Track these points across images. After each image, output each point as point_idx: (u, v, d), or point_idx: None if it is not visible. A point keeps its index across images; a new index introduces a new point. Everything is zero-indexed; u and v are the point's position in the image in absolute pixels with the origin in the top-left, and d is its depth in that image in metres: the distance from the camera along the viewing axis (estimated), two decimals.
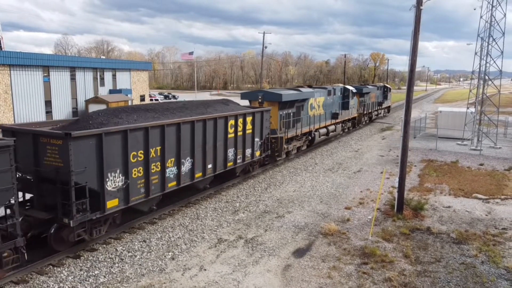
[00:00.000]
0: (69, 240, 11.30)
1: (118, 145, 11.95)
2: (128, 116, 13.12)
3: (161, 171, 13.68)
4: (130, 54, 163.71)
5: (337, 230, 13.57)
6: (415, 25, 13.82)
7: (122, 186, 12.23)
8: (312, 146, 28.42)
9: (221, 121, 16.71)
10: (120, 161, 12.06)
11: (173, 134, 14.08)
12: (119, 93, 54.30)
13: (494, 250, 12.19)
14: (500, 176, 21.47)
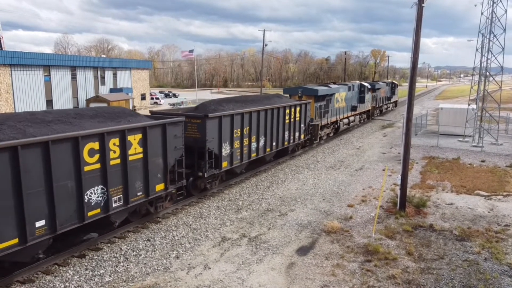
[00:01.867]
0: (200, 187, 16.73)
1: (228, 124, 17.21)
2: (227, 105, 18.29)
3: (248, 145, 19.03)
4: (130, 53, 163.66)
5: (340, 228, 13.62)
6: (416, 23, 13.83)
7: (229, 153, 17.61)
8: (337, 134, 34.06)
9: (282, 110, 21.94)
10: (228, 135, 17.35)
11: (256, 119, 19.35)
12: (119, 92, 54.36)
13: (497, 247, 12.24)
14: (502, 172, 21.50)
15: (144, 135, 12.72)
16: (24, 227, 9.61)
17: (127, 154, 12.18)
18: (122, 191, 12.23)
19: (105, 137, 11.36)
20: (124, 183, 12.24)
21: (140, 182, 12.87)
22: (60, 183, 10.30)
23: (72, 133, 10.58)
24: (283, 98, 24.87)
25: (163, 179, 13.85)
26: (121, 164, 12.03)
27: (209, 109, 17.07)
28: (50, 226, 10.21)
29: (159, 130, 13.39)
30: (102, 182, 11.49)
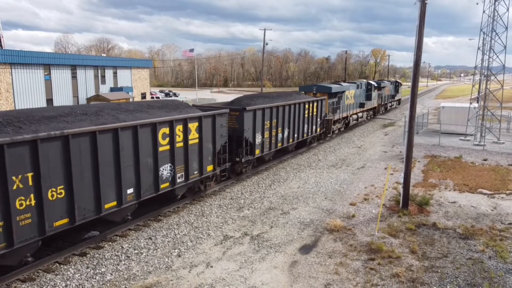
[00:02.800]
0: (237, 171, 19.24)
1: (260, 117, 19.63)
2: (257, 100, 20.53)
3: (275, 135, 21.49)
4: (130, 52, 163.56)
5: (343, 226, 13.53)
6: (420, 20, 13.73)
7: (261, 142, 19.99)
8: (348, 128, 36.43)
9: (302, 105, 24.39)
10: (260, 126, 19.71)
11: (282, 112, 21.77)
12: (120, 91, 54.24)
13: (501, 245, 12.14)
14: (505, 171, 21.40)
15: (200, 123, 15.21)
16: (120, 193, 12.04)
17: (188, 139, 14.72)
18: (184, 169, 14.74)
19: (174, 124, 13.82)
20: (185, 162, 14.75)
21: (196, 163, 15.38)
22: (144, 160, 12.74)
23: (152, 119, 12.94)
24: (301, 95, 27.38)
25: (212, 162, 16.39)
26: (184, 147, 14.57)
27: (244, 103, 19.44)
28: (136, 194, 12.67)
29: (210, 120, 15.89)
30: (170, 161, 13.98)
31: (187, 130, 14.50)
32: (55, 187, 10.12)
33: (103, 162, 11.28)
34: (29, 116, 10.38)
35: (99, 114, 11.98)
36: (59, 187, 10.22)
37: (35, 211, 9.73)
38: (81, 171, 10.73)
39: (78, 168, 10.64)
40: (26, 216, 9.56)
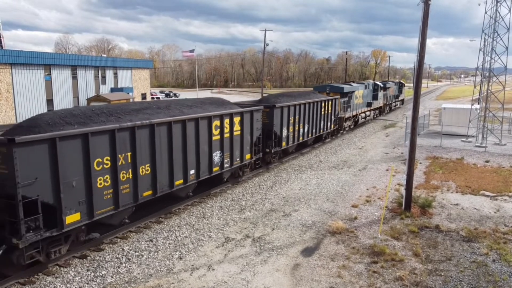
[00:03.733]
0: (266, 161, 21.78)
1: (286, 113, 22.21)
2: (282, 98, 23.11)
3: (298, 130, 24.16)
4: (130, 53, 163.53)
5: (345, 229, 13.43)
6: (423, 21, 13.63)
7: (286, 135, 22.57)
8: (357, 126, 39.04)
9: (319, 104, 27.10)
10: (286, 122, 22.34)
11: (303, 110, 24.44)
12: (120, 91, 54.18)
13: (505, 248, 12.04)
14: (507, 172, 21.30)
15: (242, 117, 17.84)
16: (186, 173, 14.81)
17: (233, 130, 17.35)
18: (229, 156, 17.37)
19: (223, 117, 16.51)
20: (231, 150, 17.35)
21: (238, 151, 17.95)
22: (202, 146, 15.40)
23: (208, 113, 15.70)
24: (316, 94, 29.80)
25: (250, 151, 19.07)
26: (229, 137, 17.14)
27: (273, 101, 21.87)
28: (196, 174, 15.38)
29: (249, 115, 18.48)
30: (220, 148, 16.66)
31: (232, 123, 17.26)
32: (144, 165, 12.89)
33: (175, 146, 14.05)
34: (122, 109, 12.93)
35: (169, 108, 14.65)
36: (146, 165, 13.00)
37: (131, 183, 12.45)
38: (160, 153, 13.47)
39: (159, 150, 13.37)
40: (126, 186, 12.26)
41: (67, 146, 10.40)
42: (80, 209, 10.88)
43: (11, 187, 9.36)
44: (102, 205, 11.50)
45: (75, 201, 10.73)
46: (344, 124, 33.74)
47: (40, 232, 9.91)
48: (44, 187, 9.96)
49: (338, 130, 33.04)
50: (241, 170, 19.18)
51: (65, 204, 10.41)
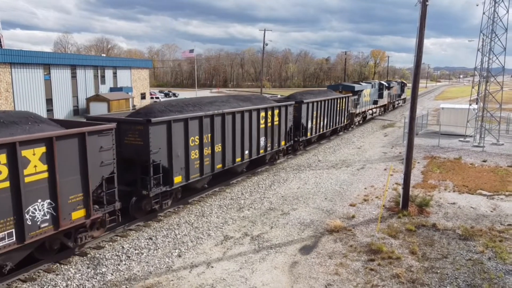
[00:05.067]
0: (294, 148, 25.74)
1: (310, 108, 26.21)
2: (306, 95, 27.33)
3: (319, 123, 28.10)
4: (129, 52, 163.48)
5: (343, 227, 13.55)
6: (420, 21, 13.77)
7: (310, 127, 26.68)
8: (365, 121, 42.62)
9: (336, 100, 31.05)
10: (310, 115, 26.33)
11: (323, 105, 28.32)
12: (120, 91, 54.29)
13: (501, 246, 12.18)
14: (504, 172, 21.45)
15: (279, 110, 21.62)
16: (243, 152, 18.65)
17: (273, 121, 21.06)
18: (270, 141, 21.05)
19: (267, 110, 20.33)
20: (271, 137, 21.10)
21: (276, 138, 21.61)
22: (253, 132, 19.19)
23: (258, 106, 19.54)
24: (332, 92, 33.70)
25: (284, 139, 22.66)
26: (271, 126, 20.92)
27: (298, 98, 25.93)
28: (249, 154, 19.24)
29: (285, 108, 22.18)
30: (264, 135, 20.44)
31: (273, 115, 20.92)
32: (218, 144, 16.59)
33: (237, 131, 17.74)
34: (200, 102, 16.89)
35: (229, 102, 18.57)
36: (219, 144, 16.77)
37: (210, 157, 16.25)
38: (228, 136, 17.24)
39: (227, 134, 17.12)
40: (207, 159, 16.05)
41: (176, 127, 14.17)
42: (181, 173, 14.73)
43: (145, 154, 13.11)
44: (193, 172, 15.36)
45: (179, 167, 14.56)
46: (354, 119, 37.41)
47: (160, 187, 13.74)
48: (163, 155, 13.74)
49: (349, 124, 36.63)
50: (277, 154, 23.05)
51: (174, 168, 14.24)
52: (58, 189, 9.99)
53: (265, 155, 21.16)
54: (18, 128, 9.70)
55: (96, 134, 10.90)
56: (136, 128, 13.16)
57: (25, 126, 9.96)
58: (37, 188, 9.57)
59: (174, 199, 15.04)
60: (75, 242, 11.12)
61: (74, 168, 10.43)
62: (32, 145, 9.38)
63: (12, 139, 8.98)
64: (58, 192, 10.02)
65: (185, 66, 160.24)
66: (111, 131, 11.41)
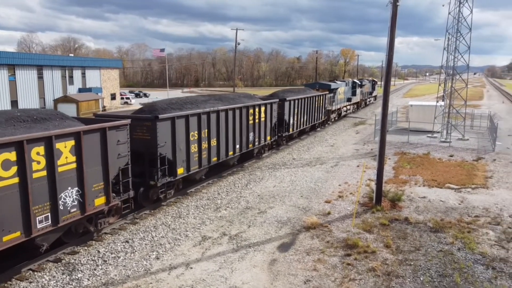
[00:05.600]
0: (278, 143, 27.54)
1: (292, 105, 27.59)
2: (288, 93, 28.96)
3: (300, 119, 29.84)
4: (98, 52, 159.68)
5: (319, 223, 13.78)
6: (391, 21, 14.15)
7: (292, 124, 28.22)
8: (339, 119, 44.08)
9: (315, 98, 32.82)
10: (292, 112, 27.78)
11: (303, 102, 29.91)
12: (89, 91, 52.94)
13: (469, 237, 12.71)
14: (470, 166, 22.34)
15: (266, 108, 23.25)
16: (234, 147, 20.10)
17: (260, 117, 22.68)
18: (258, 137, 22.64)
19: (255, 107, 21.80)
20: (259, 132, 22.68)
21: (263, 134, 23.23)
22: (243, 128, 20.74)
23: (248, 103, 21.15)
24: (311, 90, 35.34)
25: (270, 134, 24.36)
26: (258, 122, 22.44)
27: (281, 96, 27.43)
28: (240, 148, 20.61)
29: (270, 106, 23.82)
30: (253, 130, 21.96)
31: (260, 112, 22.29)
32: (213, 139, 17.97)
33: (229, 127, 19.08)
34: (196, 100, 18.43)
35: (221, 100, 20.05)
36: (214, 139, 18.12)
37: (207, 151, 17.56)
38: (221, 132, 18.52)
39: (221, 129, 18.41)
40: (204, 152, 17.38)
41: (179, 123, 15.47)
42: (183, 165, 16.02)
43: (153, 147, 14.36)
44: (193, 164, 16.69)
45: (181, 159, 15.82)
46: (331, 116, 39.60)
47: (166, 178, 15.06)
48: (168, 148, 15.02)
49: (326, 120, 38.51)
50: (263, 149, 24.56)
51: (177, 161, 15.51)
52: (84, 178, 11.21)
53: (254, 149, 22.65)
54: (49, 124, 10.99)
55: (114, 129, 12.22)
56: (144, 124, 14.42)
57: (54, 122, 11.25)
58: (67, 177, 10.77)
59: (176, 189, 16.35)
60: (96, 226, 12.33)
61: (96, 159, 11.69)
62: (64, 139, 10.60)
63: (49, 133, 10.22)
64: (85, 181, 11.23)
65: (156, 66, 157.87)
66: (127, 127, 12.76)
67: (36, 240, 10.30)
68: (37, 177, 9.92)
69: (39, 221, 10.17)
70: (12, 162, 9.37)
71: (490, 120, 34.98)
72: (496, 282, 10.11)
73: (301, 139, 31.06)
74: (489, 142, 29.34)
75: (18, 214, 9.63)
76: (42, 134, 10.07)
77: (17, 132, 10.00)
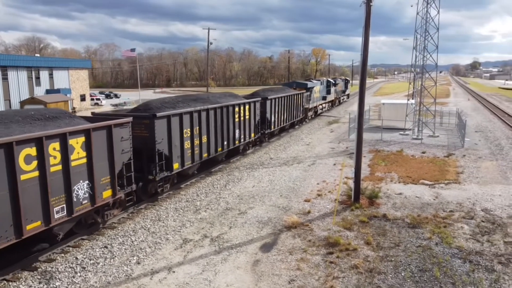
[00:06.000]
0: (261, 141, 28.82)
1: (274, 104, 29.09)
2: (269, 93, 30.12)
3: (281, 116, 31.47)
4: (64, 52, 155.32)
5: (300, 223, 13.84)
6: (366, 21, 14.37)
7: (274, 121, 29.58)
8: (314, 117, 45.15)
9: (295, 96, 34.74)
10: (274, 110, 29.33)
11: (284, 101, 31.71)
12: (57, 93, 51.30)
13: (445, 231, 13.08)
14: (441, 162, 23.02)
15: (249, 106, 24.45)
16: (222, 143, 21.12)
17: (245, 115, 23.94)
18: (243, 134, 23.97)
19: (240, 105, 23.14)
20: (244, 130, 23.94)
21: (247, 131, 24.45)
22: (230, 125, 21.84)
23: (234, 102, 22.46)
24: (290, 89, 36.42)
25: (254, 131, 25.61)
26: (243, 120, 23.73)
27: (263, 95, 28.67)
28: (227, 145, 21.78)
29: (253, 104, 25.03)
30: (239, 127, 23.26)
31: (245, 110, 23.60)
32: (204, 136, 18.89)
33: (218, 124, 20.34)
34: (186, 99, 19.59)
35: (209, 99, 21.10)
36: (205, 136, 19.08)
37: (199, 147, 18.59)
38: (211, 129, 19.56)
39: (211, 126, 19.53)
40: (197, 149, 18.42)
41: (173, 121, 16.41)
42: (178, 161, 16.99)
43: (151, 144, 15.27)
44: (187, 160, 17.73)
45: (176, 155, 16.78)
46: (308, 113, 41.42)
47: (163, 172, 15.95)
48: (165, 145, 15.97)
49: (304, 118, 40.23)
50: (247, 145, 25.77)
51: (173, 156, 16.51)
52: (94, 172, 12.10)
53: (239, 146, 23.82)
54: (60, 122, 11.82)
55: (118, 126, 13.17)
56: (143, 122, 15.21)
57: (65, 120, 12.09)
58: (79, 171, 11.63)
59: (171, 183, 17.40)
60: (102, 218, 13.19)
61: (103, 155, 12.60)
62: (76, 135, 11.46)
63: (64, 130, 11.04)
64: (94, 175, 12.12)
65: (126, 66, 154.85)
66: (129, 124, 13.76)
67: (54, 229, 11.14)
68: (54, 171, 10.75)
69: (56, 211, 11.00)
70: (33, 157, 10.21)
71: (458, 117, 36.20)
72: (474, 275, 10.43)
73: (278, 138, 31.32)
74: (458, 139, 30.35)
75: (39, 204, 10.43)
76: (58, 131, 10.89)
77: (34, 129, 10.73)
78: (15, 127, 10.52)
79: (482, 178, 19.68)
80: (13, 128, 10.46)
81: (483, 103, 66.44)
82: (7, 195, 9.57)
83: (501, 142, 29.29)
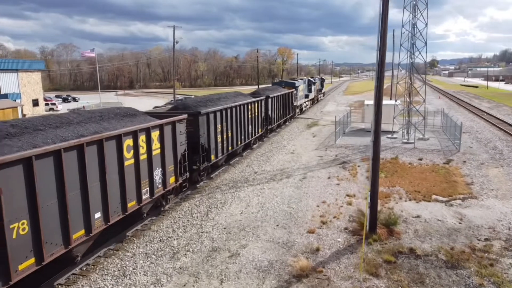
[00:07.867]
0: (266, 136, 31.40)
1: (274, 102, 31.42)
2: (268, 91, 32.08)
3: (278, 113, 33.54)
4: (18, 53, 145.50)
5: (311, 267, 10.71)
6: (382, 14, 11.42)
7: (274, 118, 32.03)
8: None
9: (286, 95, 36.41)
10: (274, 108, 31.48)
11: (279, 99, 33.08)
12: (4, 98, 45.71)
13: (495, 272, 10.34)
14: (444, 171, 20.63)
15: (256, 103, 26.05)
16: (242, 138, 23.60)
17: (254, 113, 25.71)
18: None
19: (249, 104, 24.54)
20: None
21: (252, 128, 25.42)
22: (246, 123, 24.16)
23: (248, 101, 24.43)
24: (280, 88, 38.02)
25: (260, 127, 27.66)
26: (253, 117, 25.43)
27: (261, 93, 30.00)
28: (245, 139, 24.25)
29: (258, 102, 26.53)
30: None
31: (254, 107, 25.37)
32: (226, 133, 20.63)
33: (239, 121, 22.37)
34: (212, 98, 21.39)
35: (227, 98, 22.90)
36: (229, 131, 21.06)
37: (226, 141, 20.74)
38: (234, 124, 21.71)
39: (234, 123, 21.62)
40: (226, 142, 20.60)
41: (211, 117, 18.35)
42: (214, 153, 18.91)
43: (196, 137, 17.17)
44: (219, 152, 19.59)
45: (212, 147, 18.63)
46: (296, 110, 43.96)
47: (205, 163, 18.04)
48: (205, 138, 17.86)
49: (293, 115, 42.03)
50: (255, 140, 27.34)
51: (211, 149, 18.38)
52: (165, 161, 14.02)
53: (251, 140, 25.73)
54: (138, 118, 13.64)
55: (179, 122, 15.10)
56: (188, 118, 16.34)
57: (140, 117, 13.85)
58: (157, 159, 13.52)
59: (207, 173, 19.24)
60: (166, 202, 15.13)
61: (170, 146, 14.52)
62: (154, 130, 13.29)
63: (148, 125, 12.95)
64: (166, 163, 14.03)
65: (85, 67, 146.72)
66: (185, 120, 15.70)
67: (142, 209, 13.00)
68: (142, 159, 12.63)
69: (143, 193, 12.81)
70: (131, 146, 12.07)
71: (444, 117, 34.38)
72: None
73: (257, 148, 28.00)
74: (450, 142, 28.34)
75: (134, 187, 12.27)
76: (146, 125, 12.82)
77: (127, 124, 12.44)
78: (114, 123, 12.16)
79: (499, 191, 17.32)
80: (113, 123, 12.09)
81: (455, 101, 66.11)
82: (117, 178, 11.44)
83: (496, 144, 27.45)
